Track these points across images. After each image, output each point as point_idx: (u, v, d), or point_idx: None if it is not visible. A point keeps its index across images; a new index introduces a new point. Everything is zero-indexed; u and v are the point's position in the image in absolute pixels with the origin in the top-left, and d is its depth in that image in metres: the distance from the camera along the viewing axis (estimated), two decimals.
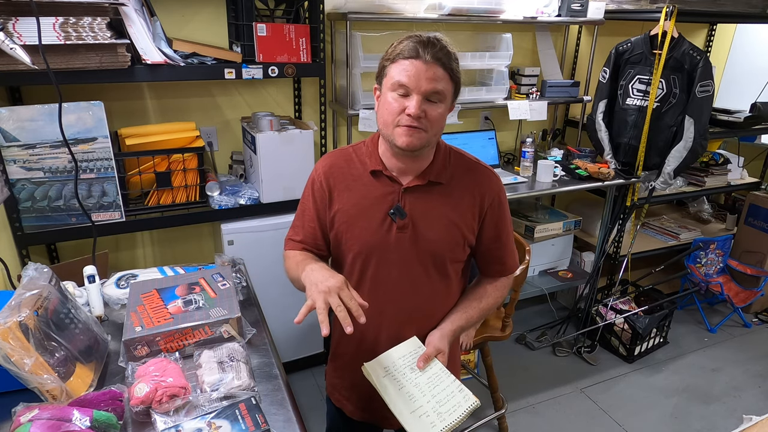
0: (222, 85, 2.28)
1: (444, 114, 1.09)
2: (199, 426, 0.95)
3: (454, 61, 1.07)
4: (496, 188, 1.21)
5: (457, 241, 1.19)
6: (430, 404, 1.08)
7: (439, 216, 1.17)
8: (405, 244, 1.16)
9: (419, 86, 1.03)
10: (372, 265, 1.19)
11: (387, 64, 1.08)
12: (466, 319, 1.23)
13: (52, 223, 1.80)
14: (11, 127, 1.64)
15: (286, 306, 2.28)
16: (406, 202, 1.16)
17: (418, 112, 1.04)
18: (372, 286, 1.20)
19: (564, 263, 3.07)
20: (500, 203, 1.22)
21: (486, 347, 2.13)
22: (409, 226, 1.16)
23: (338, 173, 1.20)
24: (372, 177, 1.18)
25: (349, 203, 1.18)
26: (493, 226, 1.22)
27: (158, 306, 1.24)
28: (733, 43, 3.58)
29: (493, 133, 2.79)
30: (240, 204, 2.08)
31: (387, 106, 1.07)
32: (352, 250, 1.20)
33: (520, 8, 2.50)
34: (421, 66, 1.03)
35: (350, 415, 1.38)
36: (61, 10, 1.56)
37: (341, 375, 1.37)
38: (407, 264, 1.18)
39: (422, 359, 1.13)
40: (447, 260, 1.20)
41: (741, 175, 3.33)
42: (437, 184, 1.17)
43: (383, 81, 1.09)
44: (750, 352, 2.90)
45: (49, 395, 0.98)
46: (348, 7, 2.21)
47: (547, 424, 2.34)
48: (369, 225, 1.17)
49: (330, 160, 1.23)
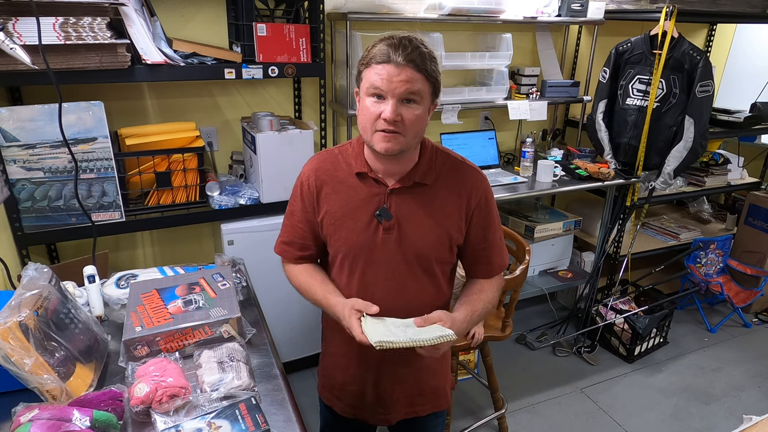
0: (222, 85, 2.28)
1: (422, 115, 1.08)
2: (199, 426, 0.95)
3: (429, 61, 1.05)
4: (483, 187, 1.20)
5: (444, 242, 1.19)
6: (407, 334, 1.06)
7: (425, 217, 1.17)
8: (391, 245, 1.17)
9: (393, 90, 1.03)
10: (360, 266, 1.20)
11: (362, 68, 1.07)
12: (472, 310, 1.22)
13: (52, 223, 1.80)
14: (11, 127, 1.64)
15: (286, 306, 2.28)
16: (391, 203, 1.16)
17: (394, 117, 1.03)
18: (360, 287, 1.21)
19: (564, 263, 3.07)
20: (487, 202, 1.21)
21: (486, 347, 2.13)
22: (395, 227, 1.17)
23: (325, 175, 1.21)
24: (358, 179, 1.18)
25: (336, 205, 1.19)
26: (481, 226, 1.22)
27: (158, 306, 1.24)
28: (733, 43, 3.59)
29: (493, 133, 2.79)
30: (240, 204, 2.08)
31: (365, 111, 1.07)
32: (341, 251, 1.21)
33: (520, 8, 2.50)
34: (393, 70, 1.02)
35: (341, 413, 1.39)
36: (61, 10, 1.56)
37: (331, 374, 1.38)
38: (394, 264, 1.19)
39: (422, 318, 1.12)
40: (433, 261, 1.21)
41: (741, 175, 3.34)
42: (423, 185, 1.18)
43: (360, 85, 1.09)
44: (750, 352, 2.90)
45: (49, 395, 0.98)
46: (348, 7, 2.21)
47: (547, 424, 2.34)
48: (356, 226, 1.18)
49: (316, 163, 1.23)
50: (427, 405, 1.37)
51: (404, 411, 1.35)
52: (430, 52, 1.06)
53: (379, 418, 1.36)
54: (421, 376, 1.33)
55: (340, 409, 1.39)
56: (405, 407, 1.35)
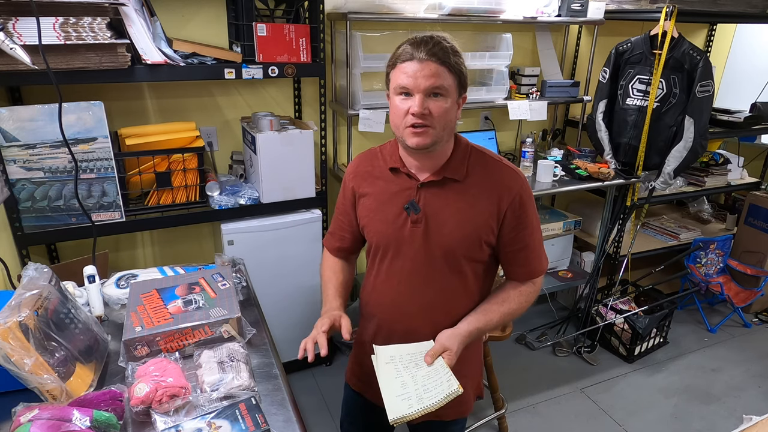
0: (222, 85, 2.28)
1: (450, 108, 1.12)
2: (199, 426, 0.95)
3: (452, 55, 1.09)
4: (518, 188, 1.19)
5: (472, 239, 1.19)
6: (418, 392, 1.10)
7: (453, 212, 1.18)
8: (418, 238, 1.19)
9: (418, 85, 1.07)
10: (388, 257, 1.24)
11: (389, 70, 1.13)
12: (485, 321, 1.22)
13: (52, 223, 1.80)
14: (11, 127, 1.64)
15: (286, 306, 2.28)
16: (421, 197, 1.19)
17: (421, 110, 1.07)
18: (386, 278, 1.26)
19: (564, 263, 3.07)
20: (521, 204, 1.19)
21: (486, 347, 2.13)
22: (423, 220, 1.18)
23: (363, 172, 1.29)
24: (391, 173, 1.23)
25: (371, 198, 1.26)
26: (513, 227, 1.20)
27: (158, 306, 1.24)
28: (733, 43, 3.59)
29: (493, 133, 2.79)
30: (240, 204, 2.08)
31: (395, 109, 1.12)
32: (373, 242, 1.27)
33: (520, 8, 2.50)
34: (416, 66, 1.07)
35: (372, 400, 1.40)
36: (61, 10, 1.56)
37: (360, 362, 1.40)
38: (420, 258, 1.20)
39: (429, 355, 1.16)
40: (461, 257, 1.20)
41: (741, 175, 3.33)
42: (454, 181, 1.19)
43: (389, 87, 1.14)
44: (750, 352, 2.90)
45: (49, 395, 0.98)
46: (348, 7, 2.21)
47: (547, 424, 2.34)
48: (386, 218, 1.22)
49: (357, 161, 1.32)
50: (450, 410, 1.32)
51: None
52: (452, 46, 1.10)
53: None
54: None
55: (371, 396, 1.39)
56: None
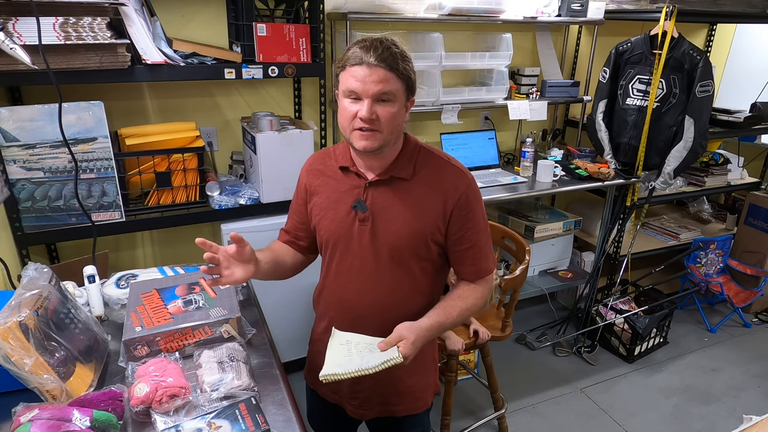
0: (222, 85, 2.28)
1: (397, 113, 1.12)
2: (199, 426, 0.96)
3: (401, 60, 1.09)
4: (464, 188, 1.19)
5: (419, 238, 1.20)
6: (359, 363, 1.08)
7: (400, 211, 1.19)
8: (366, 236, 1.21)
9: (366, 90, 1.07)
10: (337, 255, 1.26)
11: (339, 72, 1.13)
12: (445, 316, 1.21)
13: (52, 223, 1.80)
14: (11, 127, 1.64)
15: (286, 306, 2.28)
16: (368, 196, 1.21)
17: (369, 115, 1.08)
18: (335, 276, 1.28)
19: (564, 263, 3.07)
20: (467, 203, 1.19)
21: (486, 347, 2.13)
22: (370, 219, 1.20)
23: (315, 171, 1.30)
24: (342, 173, 1.25)
25: (323, 197, 1.27)
26: (460, 227, 1.21)
27: (158, 306, 1.24)
28: (733, 43, 3.58)
29: (493, 133, 2.79)
30: (240, 204, 2.08)
31: (343, 111, 1.13)
32: (323, 239, 1.28)
33: (520, 8, 2.50)
34: (366, 71, 1.07)
35: (323, 397, 1.43)
36: (61, 10, 1.56)
37: (315, 358, 1.40)
38: (367, 256, 1.22)
39: (384, 342, 1.12)
40: (408, 255, 1.21)
41: (741, 175, 3.34)
42: (401, 179, 1.20)
43: (338, 88, 1.14)
44: (750, 352, 2.90)
45: (49, 395, 0.98)
46: (348, 7, 2.21)
47: (547, 424, 2.34)
48: (336, 216, 1.24)
49: (311, 160, 1.34)
50: (401, 406, 1.35)
51: (378, 409, 1.35)
52: (401, 51, 1.10)
53: (355, 411, 1.38)
54: (397, 374, 1.27)
55: (323, 393, 1.43)
56: (379, 405, 1.35)
